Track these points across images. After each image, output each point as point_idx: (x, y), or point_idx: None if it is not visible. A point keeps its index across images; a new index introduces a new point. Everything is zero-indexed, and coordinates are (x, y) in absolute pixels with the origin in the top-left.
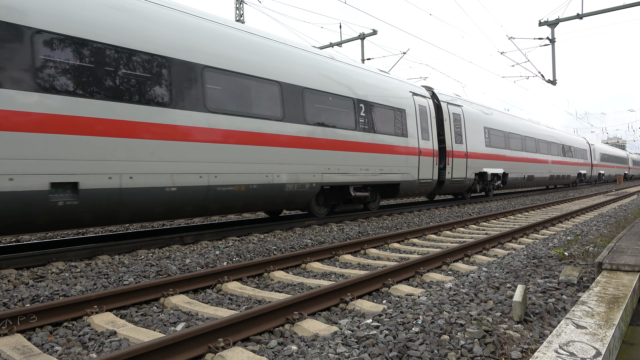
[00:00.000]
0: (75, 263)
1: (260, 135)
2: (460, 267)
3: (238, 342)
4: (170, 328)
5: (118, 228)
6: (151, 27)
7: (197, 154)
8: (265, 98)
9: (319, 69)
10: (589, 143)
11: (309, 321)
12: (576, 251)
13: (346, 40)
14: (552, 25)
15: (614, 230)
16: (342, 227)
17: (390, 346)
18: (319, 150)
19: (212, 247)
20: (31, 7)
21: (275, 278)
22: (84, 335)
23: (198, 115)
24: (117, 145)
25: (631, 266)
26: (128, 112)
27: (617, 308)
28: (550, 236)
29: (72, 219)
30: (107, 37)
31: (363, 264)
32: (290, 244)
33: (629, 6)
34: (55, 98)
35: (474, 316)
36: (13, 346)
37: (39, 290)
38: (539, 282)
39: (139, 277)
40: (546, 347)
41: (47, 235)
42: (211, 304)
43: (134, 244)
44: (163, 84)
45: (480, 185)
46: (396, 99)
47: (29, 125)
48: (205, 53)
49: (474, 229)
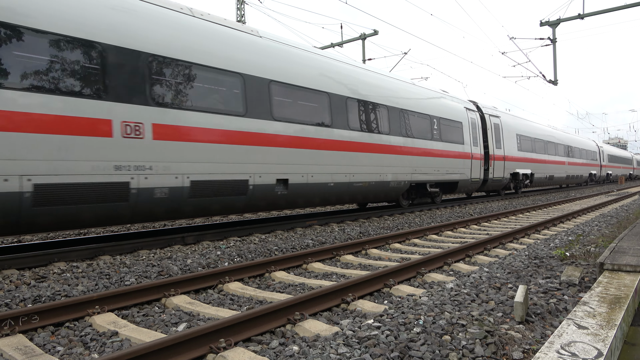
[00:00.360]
0: (77, 263)
1: (379, 145)
2: (461, 268)
3: (239, 343)
4: (172, 328)
5: (119, 228)
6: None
7: (345, 160)
8: (389, 119)
9: (418, 95)
10: (598, 145)
11: (310, 321)
12: (578, 251)
13: (347, 41)
14: (553, 26)
15: (615, 230)
16: (344, 228)
17: (392, 346)
18: (410, 156)
19: (213, 248)
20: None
21: (276, 278)
22: (85, 335)
23: (346, 132)
24: (310, 155)
25: (633, 266)
26: (316, 132)
27: (619, 308)
28: (551, 236)
29: (283, 202)
30: (322, 86)
31: (364, 265)
32: (292, 245)
33: (630, 6)
34: (298, 127)
35: (476, 316)
36: (15, 346)
37: (41, 290)
38: (541, 282)
39: (140, 278)
40: (548, 348)
41: (49, 236)
42: (212, 304)
43: (135, 244)
44: (327, 112)
45: (513, 184)
46: (456, 113)
47: (287, 143)
48: (375, 95)
49: (475, 229)
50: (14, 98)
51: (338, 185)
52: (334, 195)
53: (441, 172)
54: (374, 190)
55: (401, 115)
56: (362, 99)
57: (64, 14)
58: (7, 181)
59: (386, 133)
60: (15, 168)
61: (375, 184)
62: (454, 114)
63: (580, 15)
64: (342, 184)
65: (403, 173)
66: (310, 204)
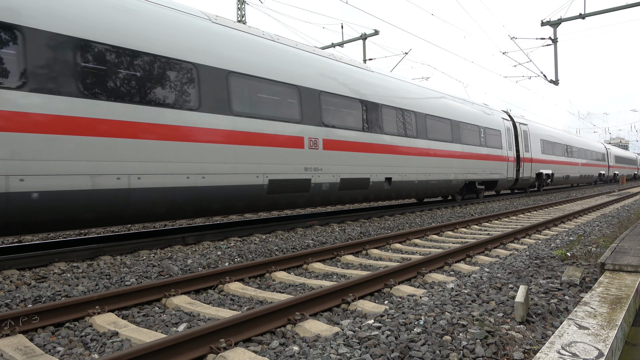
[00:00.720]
0: (78, 263)
1: (448, 152)
2: (462, 268)
3: (240, 343)
4: (172, 329)
5: (120, 229)
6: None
7: (424, 162)
8: (452, 131)
9: (471, 111)
10: (606, 147)
11: (310, 322)
12: (579, 252)
13: (348, 41)
14: (554, 25)
15: (616, 230)
16: (344, 228)
17: (392, 347)
18: (466, 159)
19: (213, 248)
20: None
21: (277, 279)
22: (85, 335)
23: (423, 141)
24: (404, 159)
25: (634, 267)
26: (407, 142)
27: (620, 309)
28: (552, 236)
29: (388, 194)
30: (364, 95)
31: (365, 265)
32: (292, 245)
33: (631, 6)
34: (402, 139)
35: (476, 317)
36: (15, 347)
37: (41, 290)
38: (541, 282)
39: (140, 278)
40: (548, 348)
41: (49, 236)
42: (213, 304)
43: (135, 245)
44: (413, 125)
45: (537, 182)
46: (495, 123)
47: (392, 150)
48: (424, 107)
49: (476, 229)
50: (260, 126)
51: (421, 182)
52: (417, 190)
53: (486, 172)
54: (440, 186)
55: (458, 127)
56: (434, 115)
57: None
58: (258, 177)
59: (449, 141)
60: (259, 169)
61: (442, 182)
62: (495, 123)
63: (581, 15)
64: (423, 181)
65: (461, 173)
66: (405, 196)
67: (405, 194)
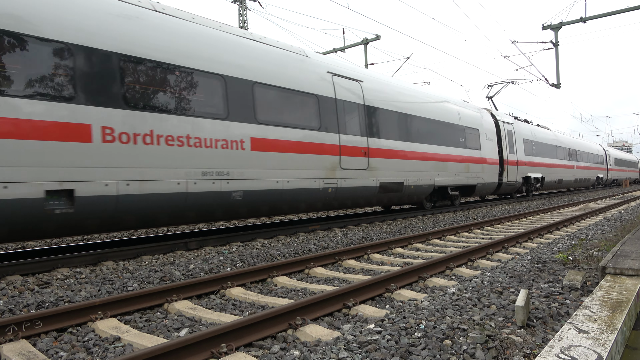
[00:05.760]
0: (80, 269)
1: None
2: (463, 272)
3: (241, 347)
4: (174, 333)
5: (123, 234)
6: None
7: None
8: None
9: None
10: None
11: (311, 326)
12: (580, 255)
13: (349, 46)
14: (555, 29)
15: (619, 234)
16: (346, 232)
17: (393, 351)
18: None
19: (216, 253)
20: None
21: (278, 283)
22: (88, 340)
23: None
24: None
25: (635, 270)
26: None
27: (620, 312)
28: (554, 240)
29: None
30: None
31: (366, 269)
32: (294, 250)
33: (633, 9)
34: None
35: (477, 321)
36: (18, 352)
37: (44, 296)
38: (543, 286)
39: (143, 283)
40: (547, 352)
41: (52, 242)
42: (215, 309)
43: (138, 250)
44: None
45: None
46: (473, 120)
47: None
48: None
49: (478, 233)
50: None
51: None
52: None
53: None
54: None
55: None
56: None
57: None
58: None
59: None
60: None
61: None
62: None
63: (582, 18)
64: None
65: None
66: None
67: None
